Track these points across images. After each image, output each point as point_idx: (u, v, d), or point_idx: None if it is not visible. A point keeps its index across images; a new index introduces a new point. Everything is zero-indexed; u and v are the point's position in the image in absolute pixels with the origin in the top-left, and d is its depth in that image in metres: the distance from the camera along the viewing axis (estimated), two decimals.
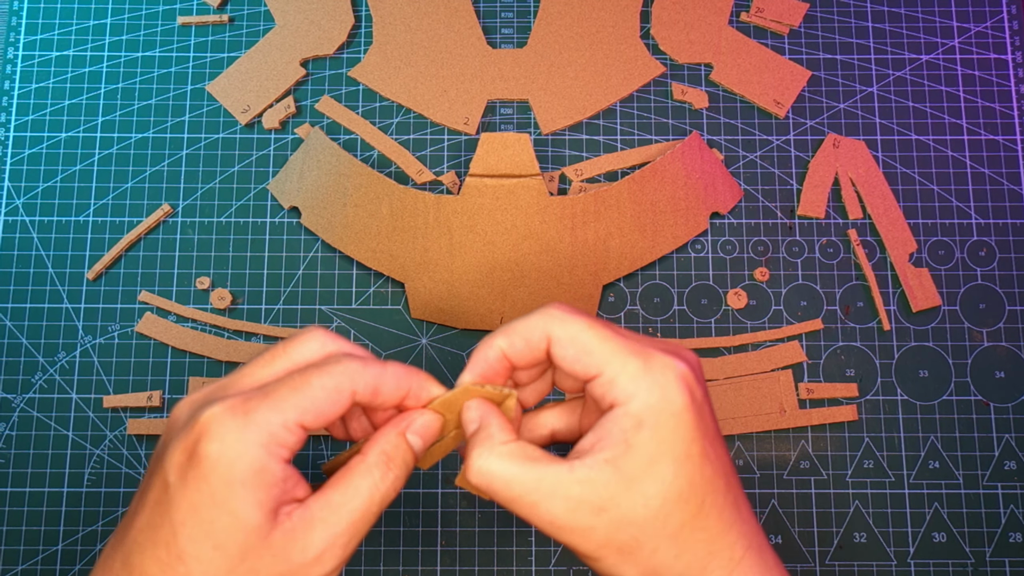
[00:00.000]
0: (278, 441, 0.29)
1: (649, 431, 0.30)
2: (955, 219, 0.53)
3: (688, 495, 0.31)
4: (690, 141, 0.52)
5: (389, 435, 0.32)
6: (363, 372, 0.31)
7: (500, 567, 0.48)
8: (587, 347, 0.32)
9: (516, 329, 0.33)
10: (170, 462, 0.29)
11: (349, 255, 0.51)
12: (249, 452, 0.28)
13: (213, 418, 0.29)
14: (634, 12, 0.56)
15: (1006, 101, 0.54)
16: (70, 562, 0.48)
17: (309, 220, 0.51)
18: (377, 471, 0.31)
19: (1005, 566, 0.48)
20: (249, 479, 0.28)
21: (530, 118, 0.55)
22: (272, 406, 0.29)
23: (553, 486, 0.30)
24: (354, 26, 0.56)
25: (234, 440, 0.28)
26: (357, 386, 0.31)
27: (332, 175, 0.51)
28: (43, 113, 0.54)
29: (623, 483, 0.30)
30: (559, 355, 0.32)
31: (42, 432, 0.49)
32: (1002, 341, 0.51)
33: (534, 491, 0.31)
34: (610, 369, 0.31)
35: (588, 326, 0.32)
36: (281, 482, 0.29)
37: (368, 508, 0.31)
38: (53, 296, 0.51)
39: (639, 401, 0.31)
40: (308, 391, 0.30)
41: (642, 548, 0.31)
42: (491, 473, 0.31)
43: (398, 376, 0.32)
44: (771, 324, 0.51)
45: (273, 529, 0.29)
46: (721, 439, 0.33)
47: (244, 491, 0.28)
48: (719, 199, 0.52)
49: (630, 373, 0.31)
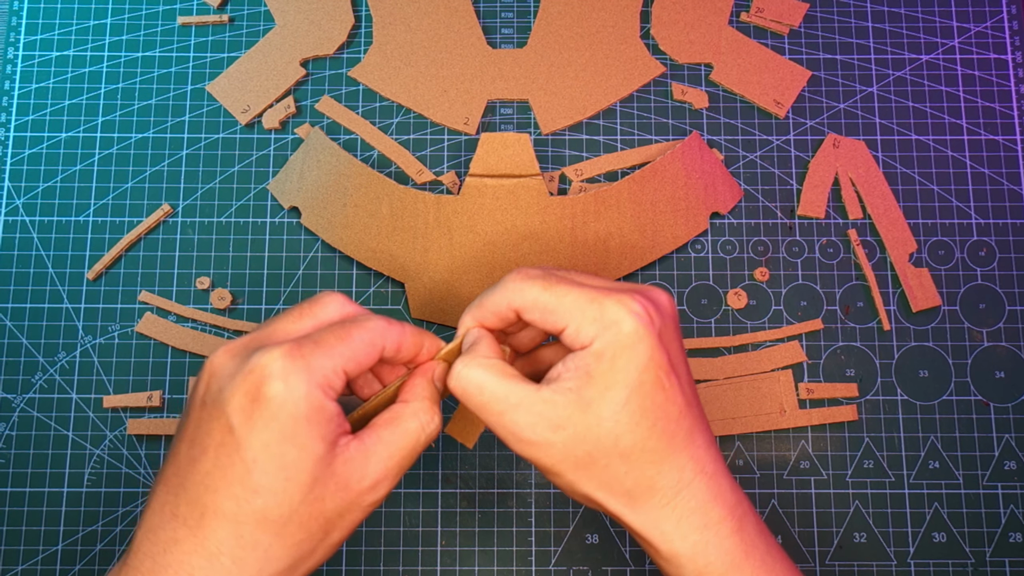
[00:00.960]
0: (330, 383, 0.32)
1: (607, 363, 0.34)
2: (955, 219, 0.53)
3: (639, 418, 0.34)
4: (690, 141, 0.52)
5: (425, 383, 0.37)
6: (390, 330, 0.35)
7: (500, 567, 0.48)
8: (547, 307, 0.35)
9: (484, 304, 0.37)
10: (232, 406, 0.32)
11: (349, 255, 0.51)
12: (311, 392, 0.31)
13: (273, 361, 0.31)
14: (634, 12, 0.56)
15: (1006, 101, 0.54)
16: (70, 562, 0.48)
17: (309, 220, 0.51)
18: (424, 414, 0.35)
19: (1005, 566, 0.48)
20: (313, 415, 0.31)
21: (530, 118, 0.55)
22: (325, 352, 0.32)
23: (519, 400, 0.34)
24: (354, 26, 0.56)
25: (296, 381, 0.31)
26: (386, 341, 0.35)
27: (332, 175, 0.51)
28: (43, 113, 0.54)
29: (581, 405, 0.34)
30: (528, 319, 0.36)
31: (42, 432, 0.50)
32: (1002, 341, 0.51)
33: (502, 400, 0.34)
34: (573, 321, 0.34)
35: (544, 288, 0.35)
36: (336, 418, 0.33)
37: (415, 445, 0.35)
38: (53, 296, 0.51)
39: (600, 341, 0.34)
40: (351, 342, 0.33)
41: (595, 463, 0.34)
42: (468, 379, 0.35)
43: (414, 335, 0.36)
44: (771, 324, 0.51)
45: (334, 459, 0.32)
46: (684, 371, 0.36)
47: (309, 426, 0.31)
48: (719, 199, 0.52)
49: (589, 319, 0.34)
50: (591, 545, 0.49)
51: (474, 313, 0.37)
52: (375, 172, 0.50)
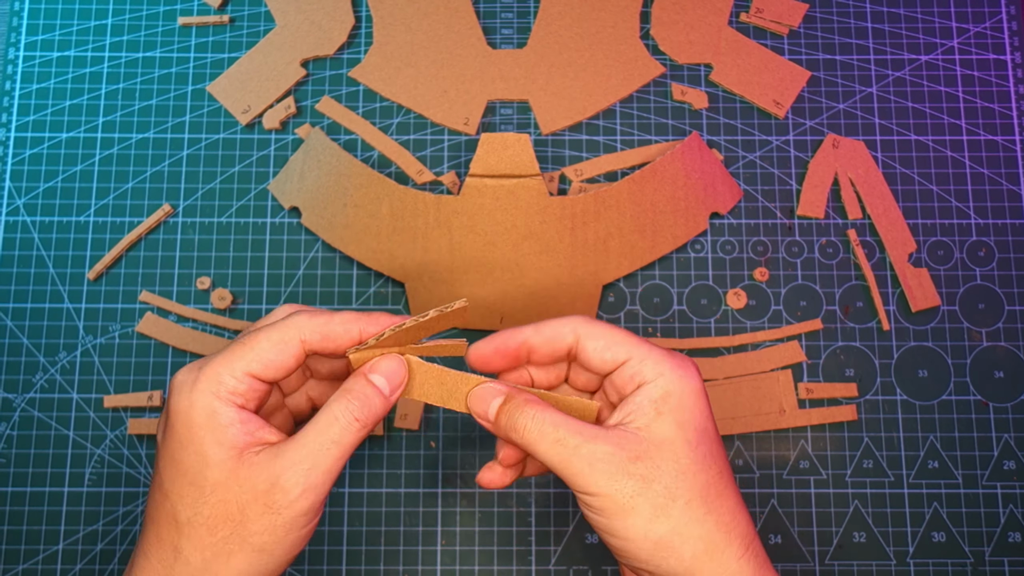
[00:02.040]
0: (228, 389, 0.34)
1: (676, 400, 0.34)
2: (954, 219, 0.53)
3: (710, 461, 0.34)
4: (690, 141, 0.52)
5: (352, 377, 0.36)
6: (309, 322, 0.35)
7: (500, 567, 0.48)
8: (615, 339, 0.36)
9: (547, 323, 0.37)
10: (158, 426, 0.36)
11: (349, 255, 0.51)
12: (201, 400, 0.33)
13: (175, 380, 0.34)
14: (634, 12, 0.56)
15: (1005, 101, 0.55)
16: (70, 562, 0.48)
17: (309, 220, 0.52)
18: (336, 404, 0.34)
19: (1004, 566, 0.48)
20: (205, 422, 0.33)
21: (530, 118, 0.55)
22: (221, 361, 0.34)
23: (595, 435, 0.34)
24: (354, 26, 0.56)
25: (188, 392, 0.33)
26: (304, 335, 0.35)
27: (332, 175, 0.51)
28: (44, 114, 0.54)
29: (656, 443, 0.34)
30: (590, 347, 0.36)
31: (43, 432, 0.50)
32: (1001, 341, 0.51)
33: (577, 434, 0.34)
34: (637, 354, 0.35)
35: (614, 327, 0.37)
36: (238, 423, 0.33)
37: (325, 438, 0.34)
38: (54, 296, 0.51)
39: (665, 379, 0.35)
40: (255, 345, 0.34)
41: (676, 499, 0.33)
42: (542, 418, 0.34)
43: (346, 321, 0.35)
44: (771, 324, 0.51)
45: (239, 464, 0.33)
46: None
47: (202, 432, 0.33)
48: (719, 199, 0.52)
49: (655, 359, 0.35)
50: (591, 545, 0.49)
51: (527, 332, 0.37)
52: (375, 172, 0.50)
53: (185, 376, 0.34)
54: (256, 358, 0.34)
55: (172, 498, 0.33)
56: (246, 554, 0.33)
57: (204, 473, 0.33)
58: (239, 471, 0.33)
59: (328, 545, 0.48)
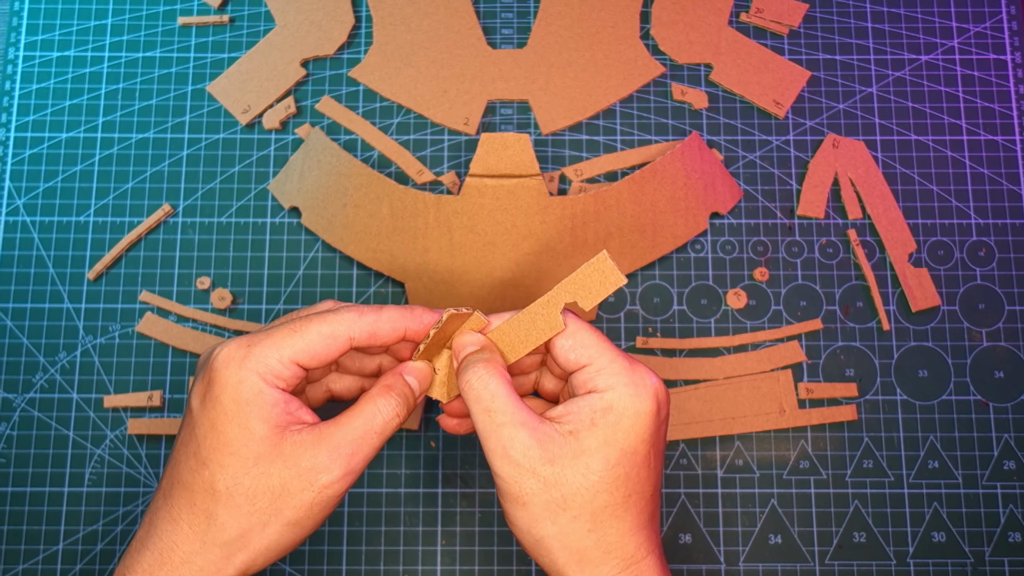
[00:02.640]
0: (274, 372, 0.35)
1: (614, 417, 0.35)
2: (954, 219, 0.53)
3: (621, 484, 0.35)
4: (690, 141, 0.52)
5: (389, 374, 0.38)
6: (359, 320, 0.36)
7: (500, 567, 0.48)
8: (584, 341, 0.37)
9: None
10: (194, 393, 0.36)
11: (349, 255, 0.51)
12: (249, 378, 0.35)
13: (223, 353, 0.35)
14: (634, 12, 0.56)
15: (1005, 101, 0.55)
16: (70, 562, 0.48)
17: (309, 220, 0.52)
18: (380, 398, 0.37)
19: (1004, 565, 0.48)
20: (252, 399, 0.34)
21: (530, 118, 0.55)
22: (270, 344, 0.35)
23: (524, 420, 0.35)
24: (354, 26, 0.56)
25: (237, 368, 0.35)
26: (353, 332, 0.36)
27: (332, 175, 0.51)
28: (44, 113, 0.54)
29: (575, 450, 0.35)
30: (558, 343, 0.37)
31: (43, 432, 0.50)
32: (1001, 341, 0.51)
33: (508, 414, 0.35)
34: (599, 362, 0.36)
35: (590, 329, 0.37)
36: (282, 404, 0.35)
37: (369, 428, 0.36)
38: (54, 296, 0.51)
39: (614, 392, 0.35)
40: (305, 335, 0.36)
41: (566, 510, 0.35)
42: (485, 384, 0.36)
43: (393, 319, 0.37)
44: (771, 324, 0.51)
45: (282, 440, 0.34)
46: (662, 458, 0.38)
47: (249, 408, 0.34)
48: (719, 199, 0.52)
49: (614, 370, 0.36)
50: None
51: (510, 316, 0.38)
52: (375, 172, 0.50)
53: (233, 352, 0.35)
54: (305, 347, 0.35)
55: (211, 466, 0.34)
56: (280, 525, 0.35)
57: (249, 445, 0.34)
58: (283, 447, 0.34)
59: (328, 545, 0.48)
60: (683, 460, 0.50)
